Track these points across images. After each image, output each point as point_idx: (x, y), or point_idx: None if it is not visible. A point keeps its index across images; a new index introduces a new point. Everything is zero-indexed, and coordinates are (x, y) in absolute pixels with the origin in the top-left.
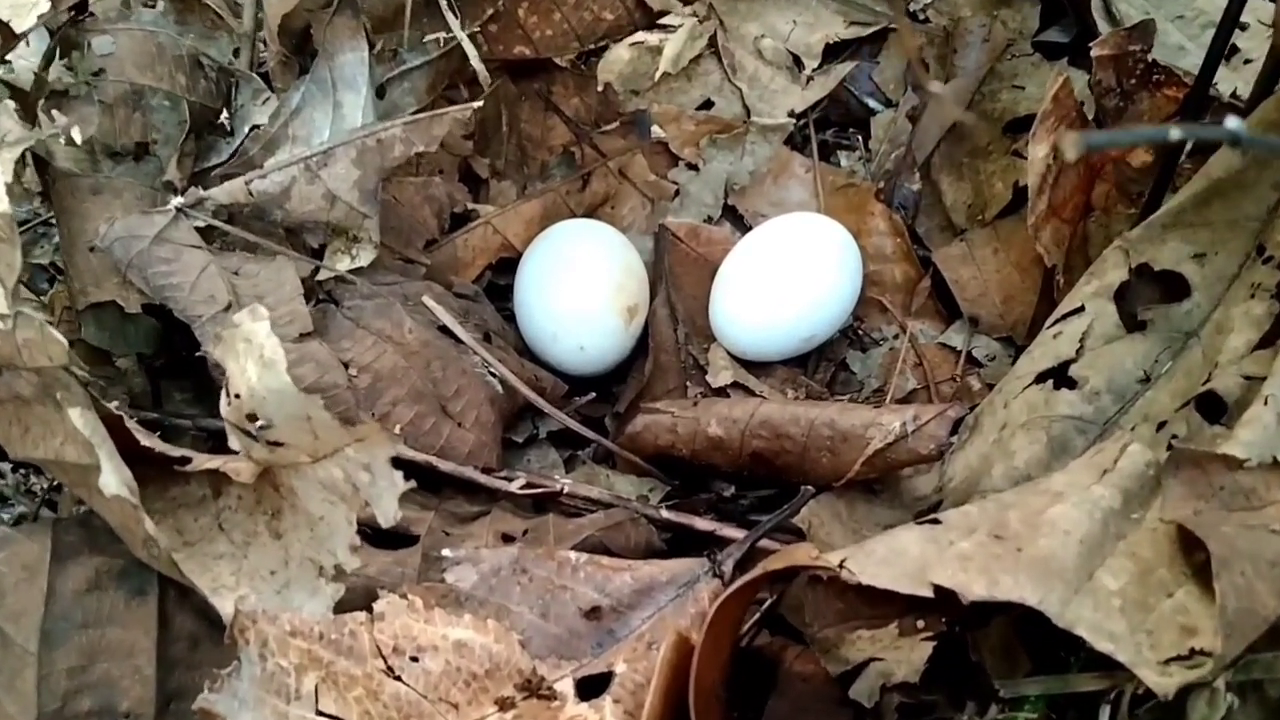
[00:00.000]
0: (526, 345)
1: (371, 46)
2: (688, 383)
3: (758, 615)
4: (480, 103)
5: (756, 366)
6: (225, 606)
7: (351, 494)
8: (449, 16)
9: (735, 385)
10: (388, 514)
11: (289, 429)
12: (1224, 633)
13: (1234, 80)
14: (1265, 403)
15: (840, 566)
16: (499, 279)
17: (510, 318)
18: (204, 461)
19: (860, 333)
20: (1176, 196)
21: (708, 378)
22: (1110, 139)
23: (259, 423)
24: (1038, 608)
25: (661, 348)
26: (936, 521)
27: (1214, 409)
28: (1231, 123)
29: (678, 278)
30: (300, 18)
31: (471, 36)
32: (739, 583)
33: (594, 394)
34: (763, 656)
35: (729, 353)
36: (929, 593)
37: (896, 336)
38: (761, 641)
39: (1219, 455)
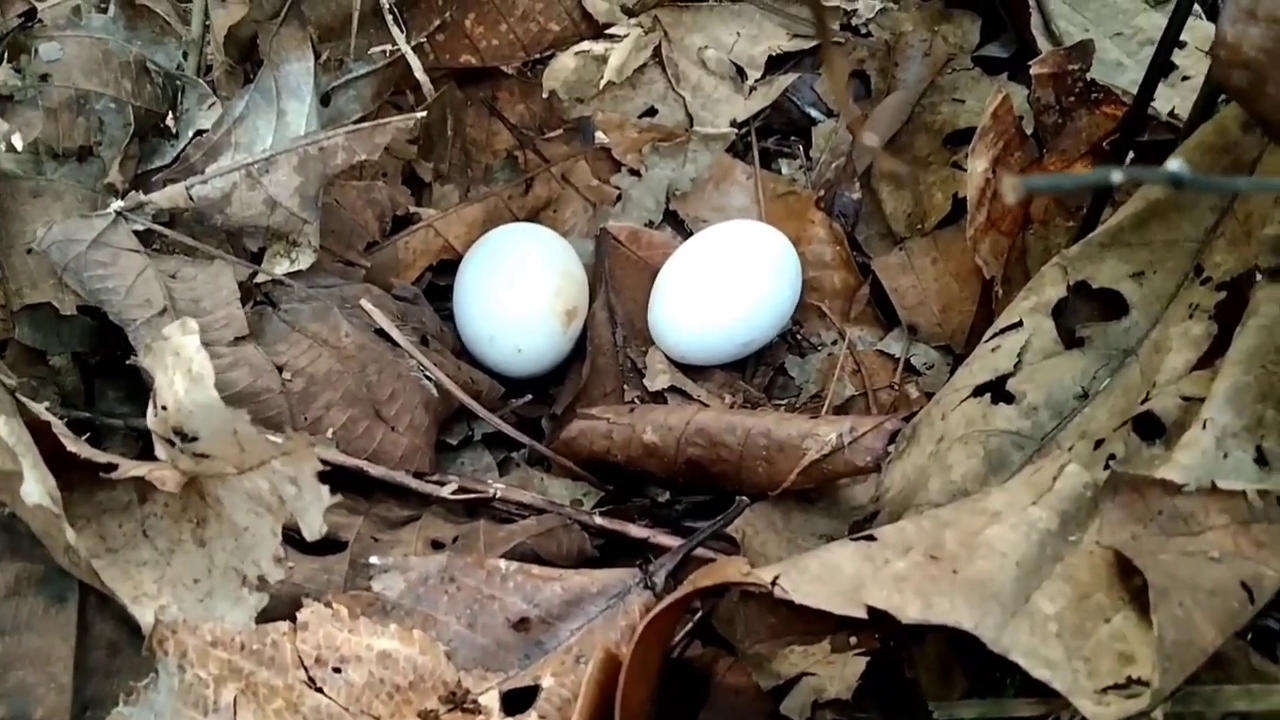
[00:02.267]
0: (465, 347)
1: (317, 56)
2: (625, 386)
3: (690, 626)
4: (424, 114)
5: (694, 370)
6: (145, 616)
7: (277, 505)
8: (394, 31)
9: (672, 389)
10: (313, 527)
11: (215, 442)
12: (1162, 665)
13: (1171, 97)
14: (1204, 426)
15: (773, 584)
16: (440, 279)
17: (450, 318)
18: (130, 469)
19: (799, 338)
20: (1115, 216)
21: (645, 381)
22: (1052, 183)
23: (185, 434)
24: (973, 632)
25: (600, 350)
26: (872, 538)
27: (1152, 429)
28: (1173, 164)
29: (618, 281)
30: (247, 28)
31: (418, 46)
32: (668, 600)
33: (530, 396)
34: (694, 668)
35: (667, 356)
36: (863, 614)
37: (835, 343)
38: (693, 652)
39: (1157, 480)
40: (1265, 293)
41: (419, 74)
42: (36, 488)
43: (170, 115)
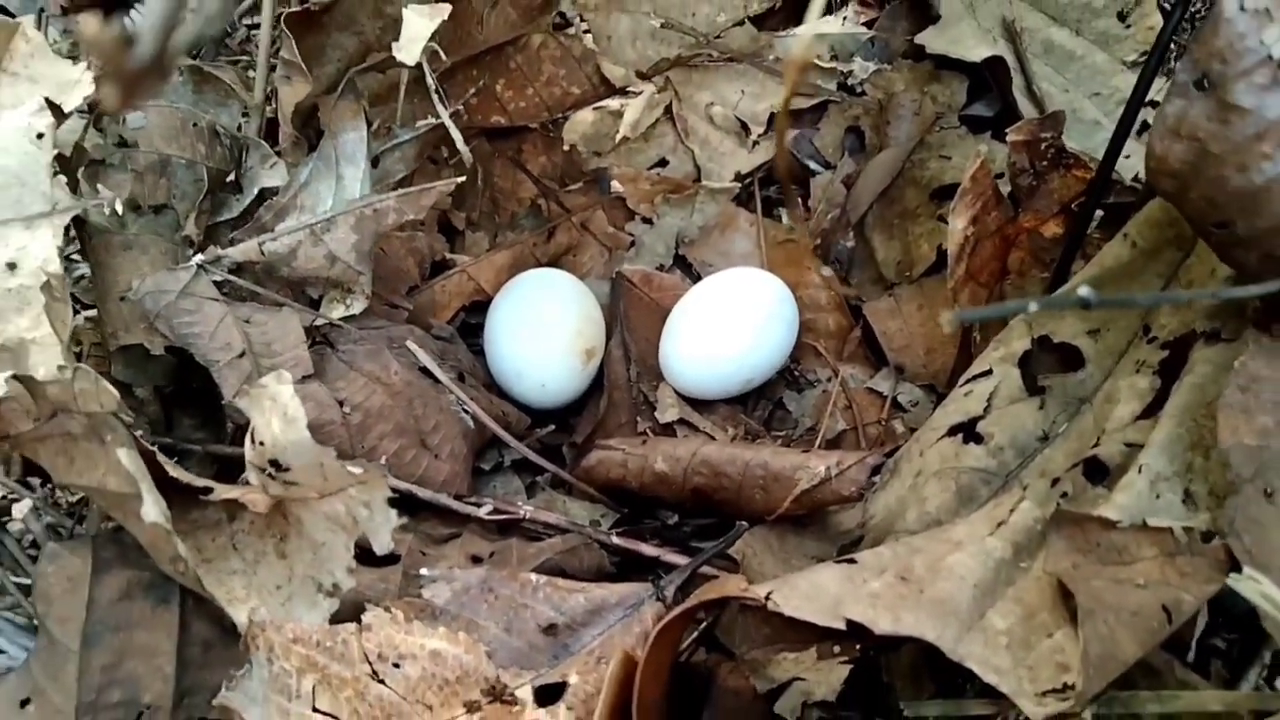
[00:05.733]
0: (494, 381)
1: (369, 125)
2: (638, 417)
3: (696, 634)
4: (463, 178)
5: (701, 404)
6: (240, 616)
7: (351, 525)
8: (439, 107)
9: (681, 421)
10: (383, 544)
11: (304, 472)
12: (1086, 673)
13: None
14: (1140, 470)
15: (767, 599)
16: (471, 318)
17: (481, 354)
18: (224, 492)
19: (797, 375)
20: (1075, 278)
21: (656, 414)
22: (985, 314)
23: (279, 465)
24: (934, 643)
25: (615, 385)
26: (853, 561)
27: (1099, 472)
28: (1084, 290)
29: (631, 321)
30: (308, 99)
31: (456, 111)
32: (677, 610)
33: (554, 426)
34: (699, 671)
35: (676, 391)
36: (842, 626)
37: (829, 380)
38: (699, 658)
39: (1096, 516)
40: (1201, 354)
41: (459, 145)
42: (154, 509)
43: (235, 171)
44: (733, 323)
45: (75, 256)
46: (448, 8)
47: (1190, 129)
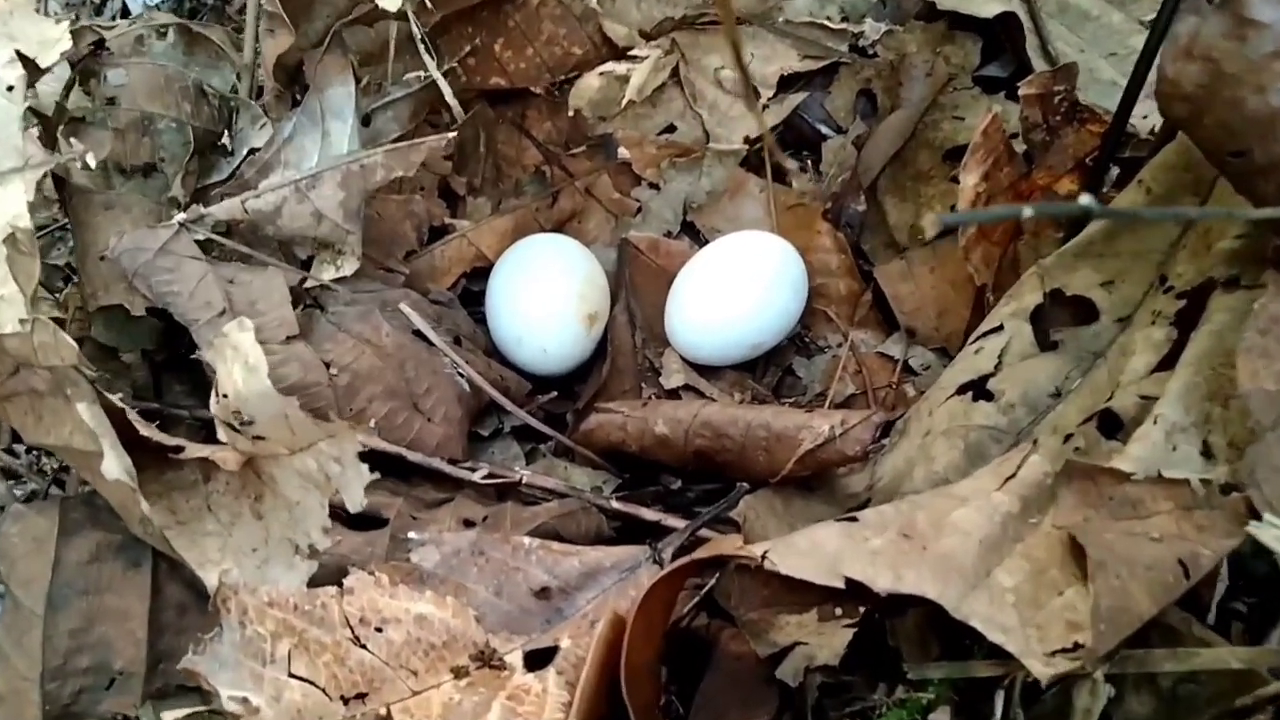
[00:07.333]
0: (496, 347)
1: (358, 81)
2: (643, 384)
3: (697, 599)
4: (454, 134)
5: (708, 370)
6: (210, 579)
7: (324, 482)
8: (426, 59)
9: (686, 387)
10: (355, 500)
11: (269, 425)
12: (1096, 628)
13: (1155, 114)
14: (1155, 422)
15: (763, 557)
16: (473, 285)
17: (483, 321)
18: (196, 450)
19: (807, 340)
20: (1088, 229)
21: (661, 380)
22: (970, 217)
23: (244, 419)
24: (937, 600)
25: (620, 351)
26: (854, 519)
27: (1113, 425)
28: (1084, 198)
29: (638, 287)
30: (294, 55)
31: (451, 70)
32: (669, 568)
33: (556, 393)
34: (700, 637)
35: (682, 357)
36: (841, 584)
37: (840, 345)
38: (700, 623)
39: (1108, 468)
40: (1219, 301)
41: (449, 98)
42: (115, 465)
43: (226, 134)
44: (739, 287)
45: (68, 227)
46: None
47: (1204, 48)
